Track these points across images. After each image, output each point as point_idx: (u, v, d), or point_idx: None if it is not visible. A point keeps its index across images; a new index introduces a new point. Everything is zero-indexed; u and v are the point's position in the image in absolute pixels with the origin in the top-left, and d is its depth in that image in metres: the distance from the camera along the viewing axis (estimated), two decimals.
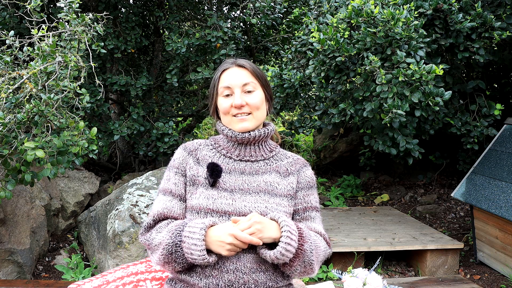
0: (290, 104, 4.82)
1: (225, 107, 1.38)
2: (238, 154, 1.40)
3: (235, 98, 1.36)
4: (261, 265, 1.29)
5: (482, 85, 4.27)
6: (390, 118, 3.38)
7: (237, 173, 1.37)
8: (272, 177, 1.39)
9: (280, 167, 1.42)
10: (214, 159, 1.40)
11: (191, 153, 1.42)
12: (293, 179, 1.42)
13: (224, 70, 1.41)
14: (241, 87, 1.37)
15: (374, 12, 3.43)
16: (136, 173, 5.38)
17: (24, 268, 3.52)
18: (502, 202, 3.57)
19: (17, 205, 3.72)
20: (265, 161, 1.42)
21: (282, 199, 1.36)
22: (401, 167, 6.32)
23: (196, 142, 1.47)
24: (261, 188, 1.35)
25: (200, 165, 1.39)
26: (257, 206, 1.30)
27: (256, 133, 1.39)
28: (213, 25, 4.86)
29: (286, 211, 1.35)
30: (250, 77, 1.39)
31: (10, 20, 4.26)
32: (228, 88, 1.38)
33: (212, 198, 1.31)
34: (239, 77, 1.38)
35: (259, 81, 1.41)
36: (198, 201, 1.32)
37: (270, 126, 1.46)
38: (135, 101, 5.50)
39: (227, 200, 1.30)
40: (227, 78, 1.39)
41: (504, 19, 3.77)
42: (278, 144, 1.53)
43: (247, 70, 1.40)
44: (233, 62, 1.42)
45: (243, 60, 1.43)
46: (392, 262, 4.21)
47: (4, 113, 2.50)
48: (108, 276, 1.76)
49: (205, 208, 1.29)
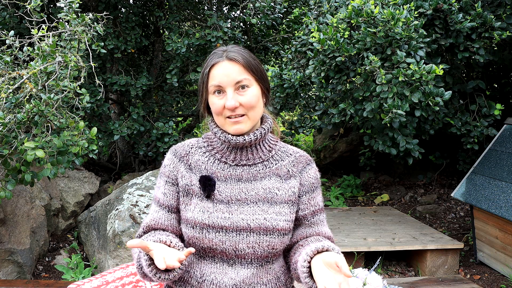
0: (290, 104, 4.82)
1: (217, 107, 1.25)
2: (234, 158, 1.29)
3: (227, 99, 1.22)
4: (262, 277, 1.24)
5: (482, 85, 4.27)
6: (390, 118, 3.38)
7: (234, 180, 1.28)
8: (271, 182, 1.29)
9: (281, 169, 1.32)
10: (208, 164, 1.30)
11: (182, 159, 1.31)
12: (295, 183, 1.31)
13: (213, 64, 1.25)
14: (233, 86, 1.23)
15: (374, 12, 3.43)
16: (136, 173, 5.38)
17: (24, 268, 3.52)
18: (502, 202, 3.57)
19: (17, 205, 3.72)
20: (264, 163, 1.31)
21: (283, 207, 1.27)
22: (401, 167, 6.32)
23: (187, 145, 1.35)
24: (259, 197, 1.26)
25: (193, 173, 1.29)
26: (256, 219, 1.23)
27: (252, 138, 1.26)
28: (213, 25, 4.86)
29: (287, 219, 1.27)
30: (243, 73, 1.24)
31: (10, 20, 4.26)
32: (219, 87, 1.24)
33: (208, 212, 1.22)
34: (231, 74, 1.23)
35: (253, 76, 1.25)
36: (193, 214, 1.23)
37: (267, 123, 1.33)
38: (135, 101, 5.50)
39: (224, 214, 1.23)
40: (217, 76, 1.24)
41: (504, 19, 3.77)
42: (278, 138, 1.38)
43: (239, 64, 1.24)
44: (222, 53, 1.26)
45: (235, 51, 1.26)
46: (392, 262, 4.21)
47: (4, 113, 2.50)
48: (107, 276, 1.76)
49: (201, 223, 1.22)
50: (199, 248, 1.23)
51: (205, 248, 1.22)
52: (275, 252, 1.25)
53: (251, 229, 1.22)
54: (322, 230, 1.34)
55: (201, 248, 1.23)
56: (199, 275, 1.24)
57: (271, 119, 1.36)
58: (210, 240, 1.21)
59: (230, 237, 1.22)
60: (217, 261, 1.23)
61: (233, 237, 1.22)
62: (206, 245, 1.21)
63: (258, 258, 1.23)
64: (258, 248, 1.21)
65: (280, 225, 1.24)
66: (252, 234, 1.21)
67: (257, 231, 1.22)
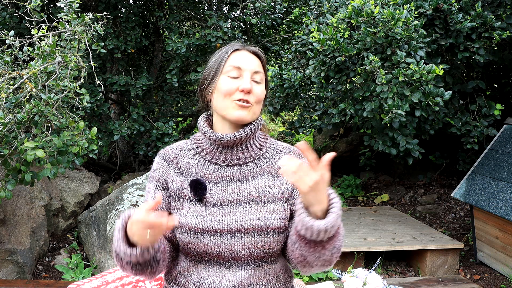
0: (290, 104, 4.82)
1: (230, 87, 1.21)
2: (224, 158, 1.27)
3: (243, 81, 1.21)
4: (261, 278, 1.23)
5: (482, 85, 4.27)
6: (390, 118, 3.38)
7: (225, 182, 1.26)
8: (263, 180, 1.27)
9: (272, 167, 1.29)
10: (198, 167, 1.27)
11: (171, 163, 1.28)
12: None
13: (235, 50, 1.26)
14: (251, 73, 1.23)
15: (374, 12, 3.43)
16: (136, 173, 5.38)
17: (24, 268, 3.52)
18: (502, 202, 3.57)
19: (17, 205, 3.72)
20: (255, 161, 1.29)
21: (276, 205, 1.24)
22: (401, 167, 6.32)
23: (176, 148, 1.32)
24: (252, 197, 1.24)
25: (183, 176, 1.27)
26: (249, 219, 1.21)
27: (242, 134, 1.24)
28: (213, 25, 4.87)
29: (281, 217, 1.24)
30: (261, 67, 1.26)
31: (10, 20, 4.26)
32: (238, 68, 1.22)
33: (201, 216, 1.21)
34: (252, 63, 1.24)
35: (265, 75, 1.29)
36: (186, 219, 1.21)
37: (257, 120, 1.30)
38: (135, 101, 5.51)
39: (217, 217, 1.21)
40: (239, 59, 1.23)
41: (504, 19, 3.77)
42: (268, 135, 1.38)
43: (260, 59, 1.26)
44: (243, 45, 1.27)
45: (255, 48, 1.28)
46: (392, 262, 4.21)
47: (4, 113, 2.50)
48: (107, 277, 1.76)
49: (195, 228, 1.20)
50: (194, 252, 1.22)
51: (200, 252, 1.21)
52: (272, 252, 1.23)
53: (245, 230, 1.20)
54: None
55: (197, 252, 1.21)
56: (197, 279, 1.23)
57: (260, 117, 1.34)
58: (205, 244, 1.19)
59: (225, 239, 1.20)
60: (214, 264, 1.22)
61: (228, 240, 1.20)
62: (201, 250, 1.20)
63: (254, 259, 1.21)
64: (253, 249, 1.19)
65: (274, 224, 1.22)
66: (247, 235, 1.20)
67: (251, 231, 1.20)
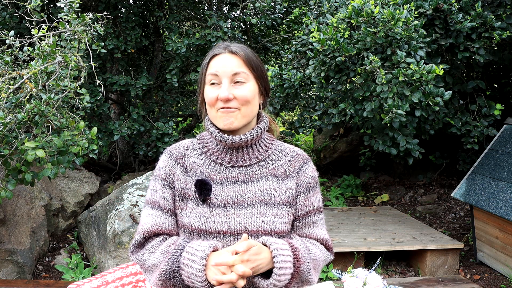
0: (290, 104, 4.82)
1: (210, 98, 1.21)
2: (230, 159, 1.26)
3: (221, 89, 1.19)
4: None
5: (482, 85, 4.27)
6: (390, 118, 3.38)
7: (230, 183, 1.24)
8: (268, 183, 1.25)
9: (278, 169, 1.28)
10: (204, 167, 1.26)
11: (178, 162, 1.27)
12: (292, 183, 1.28)
13: (214, 55, 1.23)
14: (230, 77, 1.20)
15: (374, 12, 3.43)
16: (136, 173, 5.38)
17: (24, 268, 3.52)
18: (502, 202, 3.57)
19: (17, 205, 3.72)
20: (260, 163, 1.27)
21: (281, 208, 1.24)
22: (401, 167, 6.32)
23: (182, 147, 1.31)
24: (257, 199, 1.22)
25: (189, 176, 1.25)
26: (253, 222, 1.20)
27: (248, 137, 1.23)
28: (213, 25, 4.87)
29: (285, 221, 1.24)
30: (241, 66, 1.21)
31: (10, 20, 4.26)
32: (215, 76, 1.20)
33: (204, 217, 1.20)
34: (229, 65, 1.20)
35: (252, 72, 1.23)
36: (189, 219, 1.21)
37: (263, 122, 1.29)
38: (135, 101, 5.51)
39: (220, 218, 1.20)
40: (216, 65, 1.21)
41: (504, 19, 3.77)
42: (275, 137, 1.36)
43: (240, 58, 1.21)
44: (225, 47, 1.24)
45: (237, 46, 1.24)
46: (392, 262, 4.21)
47: (4, 113, 2.50)
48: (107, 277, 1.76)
49: (198, 229, 1.19)
50: None
51: None
52: None
53: (249, 233, 1.19)
54: (314, 232, 1.32)
55: None
56: None
57: (267, 117, 1.34)
58: (215, 249, 1.17)
59: (228, 241, 1.20)
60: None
61: (231, 242, 1.20)
62: None
63: None
64: None
65: (278, 227, 1.22)
66: (250, 238, 1.19)
67: (255, 234, 1.20)
